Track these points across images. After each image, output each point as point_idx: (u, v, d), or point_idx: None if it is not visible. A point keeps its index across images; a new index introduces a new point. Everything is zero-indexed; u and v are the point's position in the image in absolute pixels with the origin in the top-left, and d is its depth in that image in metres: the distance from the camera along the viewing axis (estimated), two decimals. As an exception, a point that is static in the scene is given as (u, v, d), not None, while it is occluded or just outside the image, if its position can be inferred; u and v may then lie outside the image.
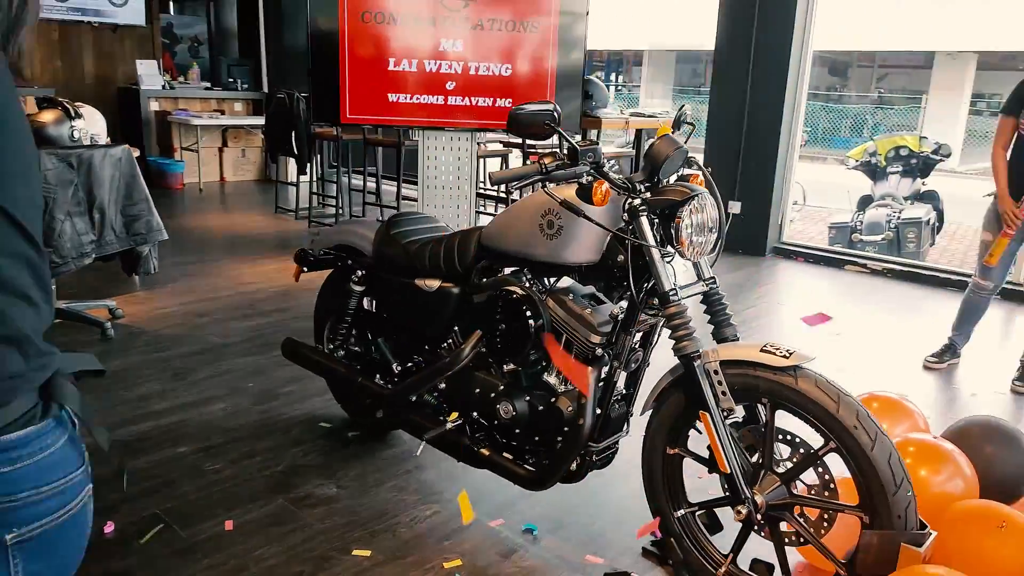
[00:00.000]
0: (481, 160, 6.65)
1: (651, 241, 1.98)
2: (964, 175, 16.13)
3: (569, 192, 2.02)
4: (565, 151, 1.96)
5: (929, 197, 7.73)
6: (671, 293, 1.98)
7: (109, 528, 2.37)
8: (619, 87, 26.18)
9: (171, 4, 11.47)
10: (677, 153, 2.02)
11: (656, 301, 2.10)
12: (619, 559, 2.34)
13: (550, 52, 4.24)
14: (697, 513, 2.17)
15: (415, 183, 8.02)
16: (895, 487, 1.75)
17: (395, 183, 7.93)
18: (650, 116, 5.90)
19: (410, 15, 4.02)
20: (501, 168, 6.88)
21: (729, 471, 1.94)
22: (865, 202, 7.95)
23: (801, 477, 1.99)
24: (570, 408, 2.20)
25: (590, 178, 1.96)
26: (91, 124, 4.64)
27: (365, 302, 2.88)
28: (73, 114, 4.55)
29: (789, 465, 1.98)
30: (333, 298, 2.99)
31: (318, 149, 7.50)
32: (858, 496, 1.84)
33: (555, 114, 1.91)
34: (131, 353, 3.81)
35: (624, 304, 2.20)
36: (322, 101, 4.14)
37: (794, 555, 2.19)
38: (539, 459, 2.34)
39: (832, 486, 1.93)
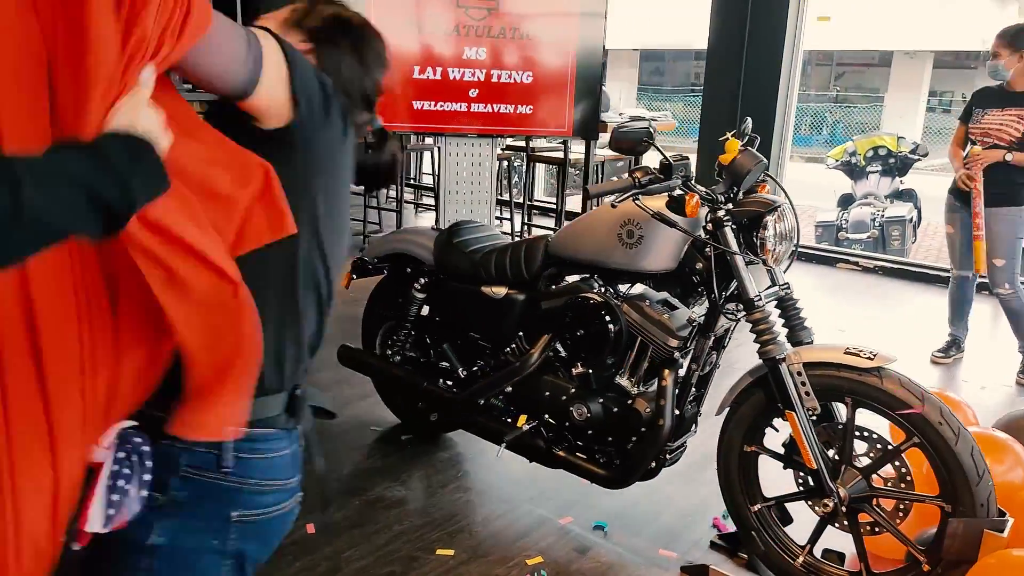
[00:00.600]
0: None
1: (736, 249, 2.09)
2: (924, 171, 16.60)
3: (657, 204, 2.12)
4: (658, 166, 2.06)
5: (908, 195, 8.01)
6: (756, 299, 2.10)
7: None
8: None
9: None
10: (757, 167, 2.13)
11: (733, 306, 2.22)
12: (691, 552, 2.45)
13: (569, 58, 4.33)
14: (770, 506, 2.29)
15: (410, 187, 8.08)
16: (978, 478, 1.89)
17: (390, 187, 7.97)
18: (650, 119, 6.04)
19: (435, 24, 4.09)
20: (499, 181, 6.94)
21: (815, 467, 2.05)
22: (846, 201, 8.20)
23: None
24: (648, 409, 2.30)
25: (681, 191, 2.06)
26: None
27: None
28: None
29: (867, 460, 2.11)
30: (387, 305, 3.05)
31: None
32: (939, 487, 1.97)
33: (651, 131, 2.01)
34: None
35: (698, 309, 2.31)
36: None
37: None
38: (609, 459, 2.43)
39: (909, 478, 2.07)
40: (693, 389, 2.34)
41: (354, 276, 3.02)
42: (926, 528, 2.15)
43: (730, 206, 2.13)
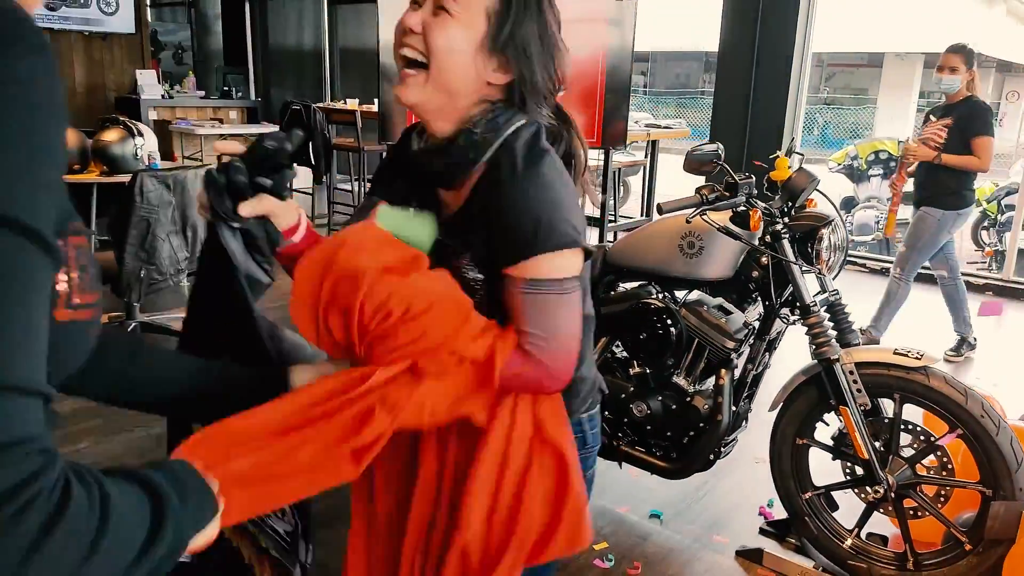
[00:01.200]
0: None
1: (794, 260, 2.29)
2: (917, 172, 16.85)
3: (721, 217, 2.32)
4: (724, 184, 2.26)
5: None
6: (812, 305, 2.30)
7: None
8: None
9: (148, 11, 11.43)
10: (811, 184, 2.34)
11: (787, 311, 2.42)
12: (742, 537, 2.65)
13: (599, 69, 4.52)
14: (820, 494, 2.49)
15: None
16: (1017, 464, 2.10)
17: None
18: (665, 127, 6.24)
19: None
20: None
21: (867, 457, 2.26)
22: (848, 204, 8.42)
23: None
24: (706, 406, 2.49)
25: (745, 207, 2.26)
26: (149, 142, 4.79)
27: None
28: (135, 132, 4.69)
29: (911, 451, 2.32)
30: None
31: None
32: (979, 474, 2.18)
33: (719, 153, 2.21)
34: (219, 364, 3.98)
35: (751, 313, 2.51)
36: (388, 121, 4.36)
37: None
38: (665, 452, 2.63)
39: (950, 466, 2.27)
40: (747, 387, 2.53)
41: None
42: (963, 512, 2.36)
43: (786, 220, 2.34)
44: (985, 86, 25.25)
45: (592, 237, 6.31)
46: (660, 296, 2.59)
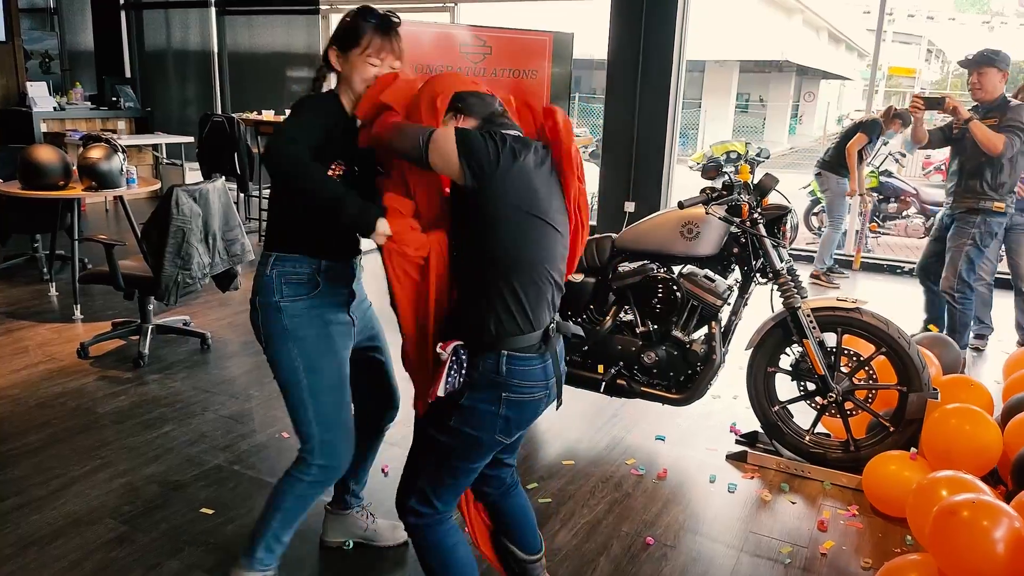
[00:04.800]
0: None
1: (768, 238, 3.22)
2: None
3: (719, 210, 3.21)
4: (722, 185, 3.15)
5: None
6: (780, 270, 3.24)
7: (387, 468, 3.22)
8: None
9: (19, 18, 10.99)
10: (774, 183, 3.27)
11: (758, 275, 3.35)
12: (726, 448, 3.56)
13: (545, 91, 5.35)
14: (783, 407, 3.44)
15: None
16: (922, 367, 3.13)
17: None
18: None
19: (441, 66, 4.97)
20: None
21: (823, 373, 3.23)
22: (708, 196, 9.73)
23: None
24: (703, 350, 3.38)
25: (737, 202, 3.16)
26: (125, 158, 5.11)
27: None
28: (118, 148, 5.01)
29: (847, 369, 3.31)
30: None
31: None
32: (896, 377, 3.20)
33: (721, 164, 3.09)
34: (240, 357, 4.46)
35: (730, 279, 3.42)
36: (369, 136, 4.97)
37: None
38: (673, 387, 3.48)
39: (875, 377, 3.29)
40: (730, 333, 3.44)
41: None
42: (883, 409, 3.38)
43: (759, 210, 3.26)
44: (786, 88, 28.25)
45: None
46: (663, 270, 3.45)
